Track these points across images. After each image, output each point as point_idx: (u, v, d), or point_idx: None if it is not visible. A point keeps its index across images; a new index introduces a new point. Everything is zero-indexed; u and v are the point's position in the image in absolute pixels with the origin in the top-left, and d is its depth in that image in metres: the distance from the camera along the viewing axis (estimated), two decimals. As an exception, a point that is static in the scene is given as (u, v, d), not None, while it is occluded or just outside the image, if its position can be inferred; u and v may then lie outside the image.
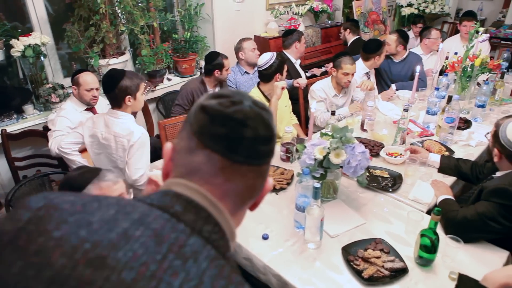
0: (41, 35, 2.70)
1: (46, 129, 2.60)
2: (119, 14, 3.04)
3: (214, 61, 2.92)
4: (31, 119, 2.78)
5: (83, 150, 2.26)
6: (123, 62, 3.16)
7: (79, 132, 2.14)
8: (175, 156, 0.62)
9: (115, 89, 1.92)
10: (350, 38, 4.34)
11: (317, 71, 4.23)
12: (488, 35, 3.16)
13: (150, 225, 0.51)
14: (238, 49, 3.42)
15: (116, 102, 1.98)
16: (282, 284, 1.44)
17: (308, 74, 4.09)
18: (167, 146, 0.63)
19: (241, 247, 1.58)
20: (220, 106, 0.57)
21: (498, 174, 1.75)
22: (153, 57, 3.32)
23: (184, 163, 0.59)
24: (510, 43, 5.28)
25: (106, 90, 1.98)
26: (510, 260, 1.52)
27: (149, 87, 3.14)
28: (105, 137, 2.03)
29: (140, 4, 3.08)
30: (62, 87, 2.84)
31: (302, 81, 3.28)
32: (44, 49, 2.77)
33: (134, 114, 2.61)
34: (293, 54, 3.56)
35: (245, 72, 3.41)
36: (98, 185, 1.21)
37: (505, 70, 3.25)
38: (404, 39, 3.54)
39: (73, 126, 2.39)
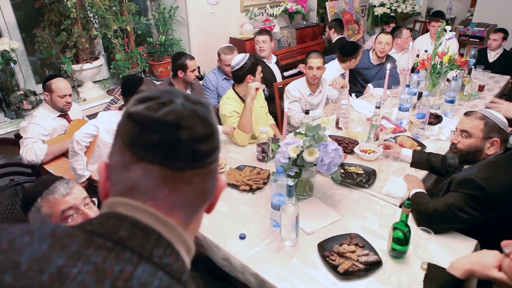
0: (10, 41, 2.64)
1: (18, 137, 2.54)
2: (91, 19, 3.00)
3: (177, 61, 2.92)
4: (2, 127, 2.71)
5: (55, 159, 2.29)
6: (97, 67, 3.12)
7: (95, 124, 2.20)
8: (111, 174, 0.55)
9: (135, 93, 2.04)
10: (335, 37, 4.45)
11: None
12: (454, 33, 3.27)
13: (90, 258, 0.45)
14: (218, 55, 3.38)
15: None
16: (260, 283, 1.45)
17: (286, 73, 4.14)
18: (101, 164, 0.56)
19: (218, 248, 1.59)
20: (148, 111, 0.51)
21: (466, 166, 1.82)
22: (128, 61, 3.29)
23: (121, 181, 0.53)
24: (478, 40, 5.48)
25: (125, 93, 2.13)
26: (478, 248, 1.58)
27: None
28: None
29: (113, 8, 3.05)
30: (34, 93, 2.78)
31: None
32: (14, 55, 2.71)
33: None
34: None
35: (225, 78, 3.39)
36: (46, 198, 1.18)
37: (473, 66, 3.37)
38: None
39: (46, 133, 2.35)
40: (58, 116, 2.47)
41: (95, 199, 1.33)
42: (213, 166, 0.56)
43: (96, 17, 2.99)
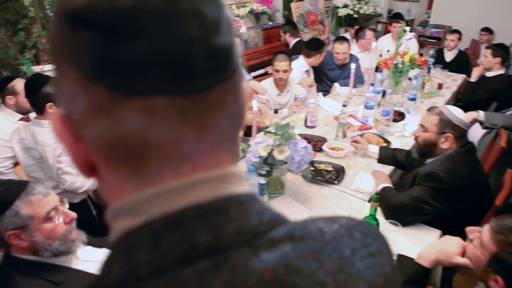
0: (-37, 41, 2.50)
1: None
2: (52, 18, 2.89)
3: None
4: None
5: (15, 164, 2.13)
6: (58, 68, 3.01)
7: (9, 145, 2.03)
8: (79, 132, 0.32)
9: (36, 94, 1.88)
10: (291, 40, 4.49)
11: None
12: (413, 33, 3.42)
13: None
14: None
15: (37, 108, 1.94)
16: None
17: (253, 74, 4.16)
18: (54, 120, 0.33)
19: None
20: (111, 2, 0.28)
21: (429, 160, 1.90)
22: (91, 62, 3.19)
23: (106, 143, 0.31)
24: (435, 41, 5.74)
25: (27, 94, 1.94)
26: (442, 238, 1.66)
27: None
28: (33, 148, 1.95)
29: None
30: (-9, 96, 2.64)
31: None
32: (-33, 56, 2.56)
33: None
34: None
35: None
36: (27, 200, 1.13)
37: (432, 66, 3.53)
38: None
39: (6, 137, 2.24)
40: (19, 120, 2.36)
41: (65, 199, 1.30)
42: (241, 70, 0.35)
43: (56, 16, 2.88)
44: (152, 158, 0.31)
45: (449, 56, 4.44)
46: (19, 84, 2.28)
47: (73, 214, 1.23)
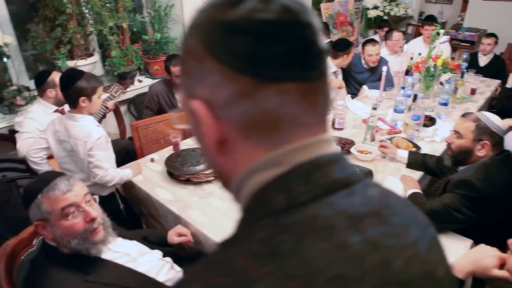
0: (3, 35, 2.60)
1: (12, 132, 2.51)
2: (87, 15, 2.97)
3: (166, 62, 2.95)
4: (-5, 123, 2.67)
5: (50, 157, 2.20)
6: (92, 63, 3.09)
7: (44, 137, 2.10)
8: (220, 114, 0.42)
9: (70, 88, 1.93)
10: None
11: None
12: (448, 36, 3.33)
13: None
14: None
15: (71, 102, 1.99)
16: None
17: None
18: (196, 105, 0.43)
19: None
20: (258, 14, 0.40)
21: (461, 167, 1.84)
22: (123, 59, 3.27)
23: (247, 119, 0.42)
24: (469, 44, 5.56)
25: (62, 88, 1.98)
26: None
27: (120, 90, 3.08)
28: (66, 140, 2.01)
29: (108, 5, 3.03)
30: (28, 89, 2.75)
31: None
32: (7, 50, 2.66)
33: (103, 116, 2.56)
34: None
35: None
36: (46, 195, 1.16)
37: (465, 70, 3.43)
38: None
39: (42, 128, 2.32)
40: (54, 112, 2.44)
41: (96, 196, 1.31)
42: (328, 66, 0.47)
43: (91, 13, 2.96)
44: (283, 127, 0.42)
45: (483, 60, 4.29)
46: (57, 77, 2.35)
47: (93, 214, 1.22)
